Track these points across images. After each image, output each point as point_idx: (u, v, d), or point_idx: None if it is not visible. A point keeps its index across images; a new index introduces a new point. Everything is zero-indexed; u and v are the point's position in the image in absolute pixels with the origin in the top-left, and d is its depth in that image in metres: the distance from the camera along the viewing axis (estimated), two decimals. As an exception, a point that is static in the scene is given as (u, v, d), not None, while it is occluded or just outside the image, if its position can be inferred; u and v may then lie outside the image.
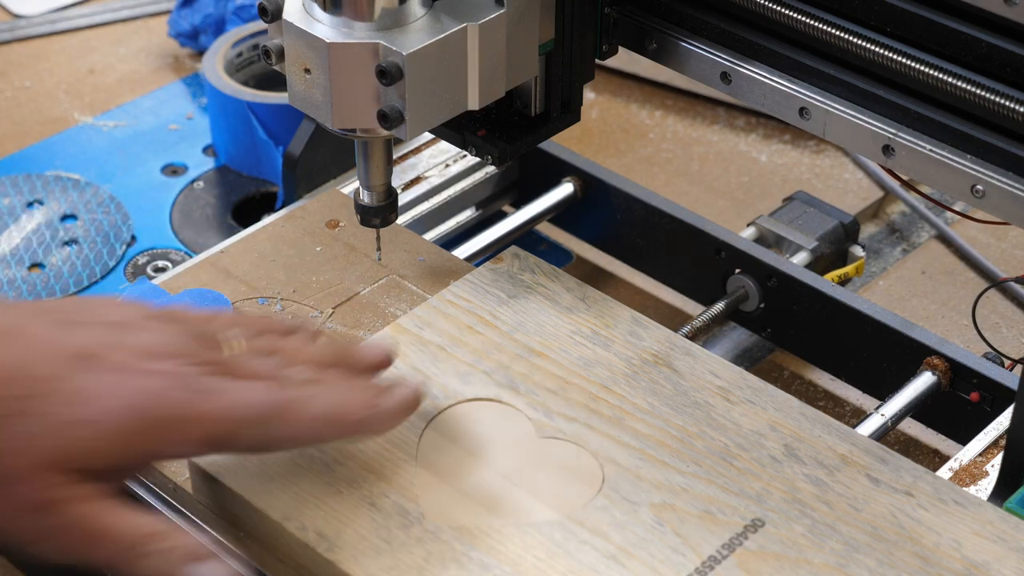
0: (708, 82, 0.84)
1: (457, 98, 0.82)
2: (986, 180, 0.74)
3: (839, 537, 0.71)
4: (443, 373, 0.80)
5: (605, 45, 0.88)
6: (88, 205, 1.12)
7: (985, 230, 1.15)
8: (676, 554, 0.70)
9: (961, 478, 0.80)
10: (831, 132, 0.80)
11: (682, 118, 1.28)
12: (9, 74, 1.30)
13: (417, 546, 0.71)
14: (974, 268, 1.13)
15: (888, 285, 1.11)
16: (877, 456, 0.76)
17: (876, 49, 0.75)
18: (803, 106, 0.80)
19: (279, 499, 0.73)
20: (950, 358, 0.90)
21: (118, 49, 1.34)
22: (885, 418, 0.87)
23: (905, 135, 0.77)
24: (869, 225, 1.18)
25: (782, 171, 1.22)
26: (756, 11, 0.80)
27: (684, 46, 0.85)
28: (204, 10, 1.28)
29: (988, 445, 0.83)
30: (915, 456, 0.96)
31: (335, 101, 0.79)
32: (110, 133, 1.21)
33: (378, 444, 0.76)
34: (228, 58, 1.17)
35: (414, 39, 0.78)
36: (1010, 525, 0.72)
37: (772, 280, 0.97)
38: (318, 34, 0.78)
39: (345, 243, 0.94)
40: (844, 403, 1.01)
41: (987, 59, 0.72)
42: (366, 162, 0.85)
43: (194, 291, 0.90)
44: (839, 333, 0.95)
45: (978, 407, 0.89)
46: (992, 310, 1.08)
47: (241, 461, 0.75)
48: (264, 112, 1.12)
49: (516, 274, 0.87)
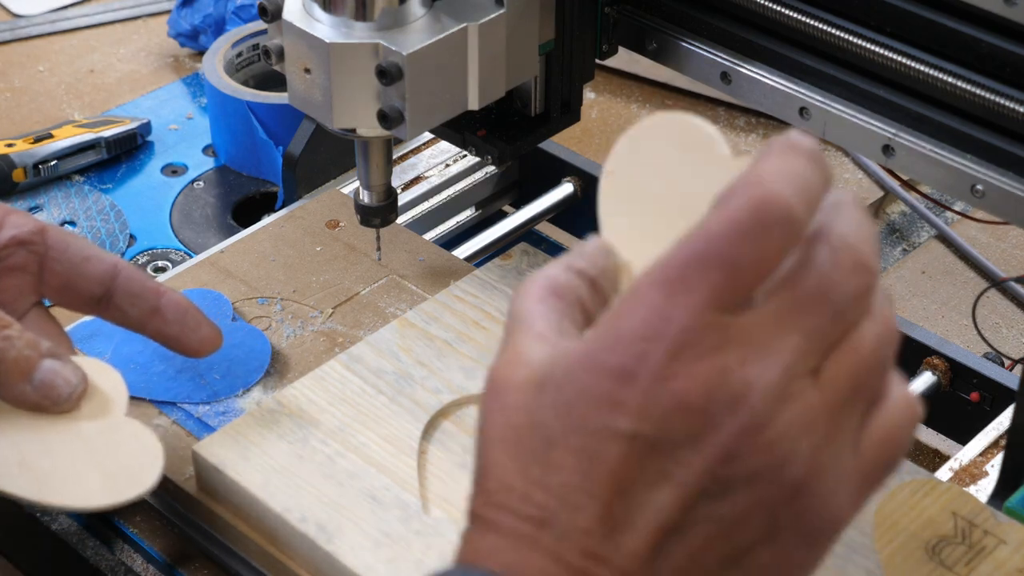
0: (708, 82, 0.84)
1: (457, 98, 0.82)
2: (986, 180, 0.74)
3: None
4: (448, 368, 0.81)
5: (605, 45, 0.88)
6: (88, 212, 1.12)
7: (985, 230, 1.15)
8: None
9: (961, 478, 0.80)
10: (831, 132, 0.80)
11: (682, 118, 1.28)
12: (9, 74, 1.30)
13: (416, 539, 0.71)
14: (974, 268, 1.13)
15: (888, 285, 1.11)
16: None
17: (876, 49, 0.75)
18: (803, 106, 0.80)
19: (280, 490, 0.73)
20: (950, 358, 0.90)
21: (118, 49, 1.34)
22: (885, 418, 0.87)
23: (905, 135, 0.77)
24: (869, 225, 1.17)
25: (782, 171, 1.22)
26: (756, 11, 0.80)
27: (684, 46, 0.85)
28: (204, 10, 1.28)
29: (988, 445, 0.83)
30: (915, 456, 0.96)
31: (335, 101, 0.79)
32: (110, 133, 1.21)
33: (380, 437, 0.76)
34: (228, 58, 1.17)
35: (414, 39, 0.78)
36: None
37: (772, 280, 0.97)
38: (318, 34, 0.78)
39: (345, 243, 0.94)
40: (844, 403, 1.00)
41: (987, 59, 0.72)
42: (366, 162, 0.86)
43: (194, 291, 0.90)
44: (839, 333, 0.95)
45: (978, 407, 0.89)
46: (992, 310, 1.08)
47: (244, 452, 0.75)
48: (264, 112, 1.12)
49: (525, 270, 0.87)
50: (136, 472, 0.73)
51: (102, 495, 0.72)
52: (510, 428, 0.50)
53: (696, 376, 0.47)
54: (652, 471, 0.47)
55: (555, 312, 0.51)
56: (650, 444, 0.47)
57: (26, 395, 0.72)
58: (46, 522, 0.82)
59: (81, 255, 0.75)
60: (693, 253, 0.47)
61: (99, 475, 0.72)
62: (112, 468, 0.73)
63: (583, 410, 0.48)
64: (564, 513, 0.48)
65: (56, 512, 0.80)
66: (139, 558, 0.85)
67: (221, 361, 0.85)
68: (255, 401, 0.83)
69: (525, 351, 0.50)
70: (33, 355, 0.72)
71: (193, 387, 0.83)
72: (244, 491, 0.73)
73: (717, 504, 0.47)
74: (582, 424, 0.48)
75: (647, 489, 0.47)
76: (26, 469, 0.71)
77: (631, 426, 0.47)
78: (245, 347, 0.86)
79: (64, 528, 0.81)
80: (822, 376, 0.48)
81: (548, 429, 0.49)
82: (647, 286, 0.48)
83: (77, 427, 0.73)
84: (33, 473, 0.71)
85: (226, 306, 0.89)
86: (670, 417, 0.47)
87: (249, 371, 0.85)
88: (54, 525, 0.81)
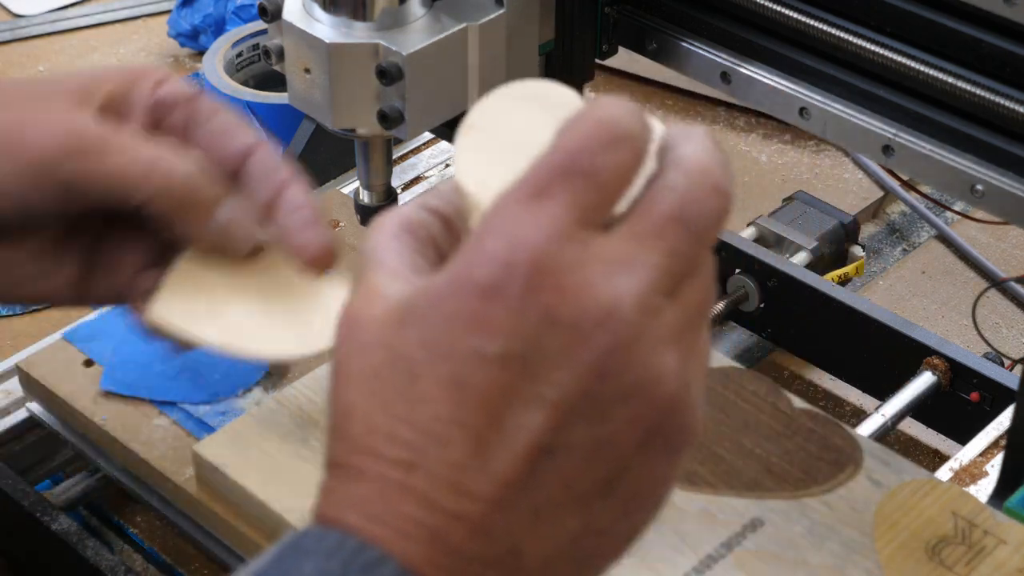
0: (708, 82, 0.84)
1: (457, 98, 0.82)
2: (986, 180, 0.74)
3: (838, 538, 0.71)
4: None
5: (605, 45, 0.88)
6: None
7: (985, 230, 1.15)
8: (674, 552, 0.70)
9: (961, 478, 0.80)
10: (831, 132, 0.80)
11: (682, 118, 1.28)
12: (9, 74, 1.30)
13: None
14: (974, 268, 1.13)
15: (888, 285, 1.11)
16: (878, 458, 0.76)
17: (876, 49, 0.75)
18: (803, 106, 0.80)
19: (281, 490, 0.73)
20: (950, 358, 0.90)
21: (118, 49, 1.34)
22: (885, 418, 0.87)
23: (905, 135, 0.77)
24: (869, 225, 1.17)
25: (782, 171, 1.22)
26: (756, 11, 0.80)
27: (684, 46, 0.85)
28: (204, 10, 1.28)
29: (988, 445, 0.83)
30: (915, 456, 0.96)
31: (335, 101, 0.79)
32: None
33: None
34: (228, 58, 1.17)
35: (414, 39, 0.78)
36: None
37: (772, 280, 0.97)
38: (318, 34, 0.78)
39: (345, 243, 0.94)
40: (844, 403, 1.01)
41: (987, 59, 0.72)
42: (366, 162, 0.86)
43: (194, 291, 0.90)
44: (839, 333, 0.95)
45: (978, 407, 0.89)
46: (992, 310, 1.08)
47: (244, 452, 0.75)
48: (264, 112, 1.12)
49: None
50: (325, 325, 0.68)
51: (295, 345, 0.68)
52: (370, 366, 0.47)
53: (564, 289, 0.45)
54: (524, 393, 0.46)
55: (408, 248, 0.50)
56: (521, 363, 0.46)
57: (206, 235, 0.67)
58: (46, 522, 0.82)
59: (222, 128, 0.69)
60: (552, 165, 0.47)
61: (290, 325, 0.69)
62: (303, 319, 0.69)
63: (449, 335, 0.46)
64: (434, 449, 0.46)
65: (251, 359, 0.73)
66: (139, 558, 0.86)
67: (221, 361, 0.84)
68: (255, 401, 0.83)
69: (380, 286, 0.48)
70: (218, 195, 0.66)
71: (193, 387, 0.83)
72: (244, 491, 0.73)
73: (592, 425, 0.46)
74: (449, 350, 0.46)
75: (519, 412, 0.46)
76: (217, 317, 0.68)
77: (500, 346, 0.46)
78: (245, 347, 0.86)
79: (64, 528, 0.81)
80: (680, 296, 0.47)
81: (412, 361, 0.46)
82: (509, 201, 0.47)
83: (266, 276, 0.69)
84: (224, 321, 0.68)
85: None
86: (541, 333, 0.45)
87: (249, 371, 0.85)
88: (54, 525, 0.81)
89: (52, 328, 0.96)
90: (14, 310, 1.05)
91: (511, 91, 0.55)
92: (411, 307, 0.47)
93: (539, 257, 0.46)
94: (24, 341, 1.00)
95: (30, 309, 1.05)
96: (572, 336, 0.46)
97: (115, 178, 0.64)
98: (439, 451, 0.46)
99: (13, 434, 0.88)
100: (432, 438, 0.46)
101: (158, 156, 0.64)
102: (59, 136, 0.63)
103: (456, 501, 0.46)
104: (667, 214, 0.47)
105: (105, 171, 0.63)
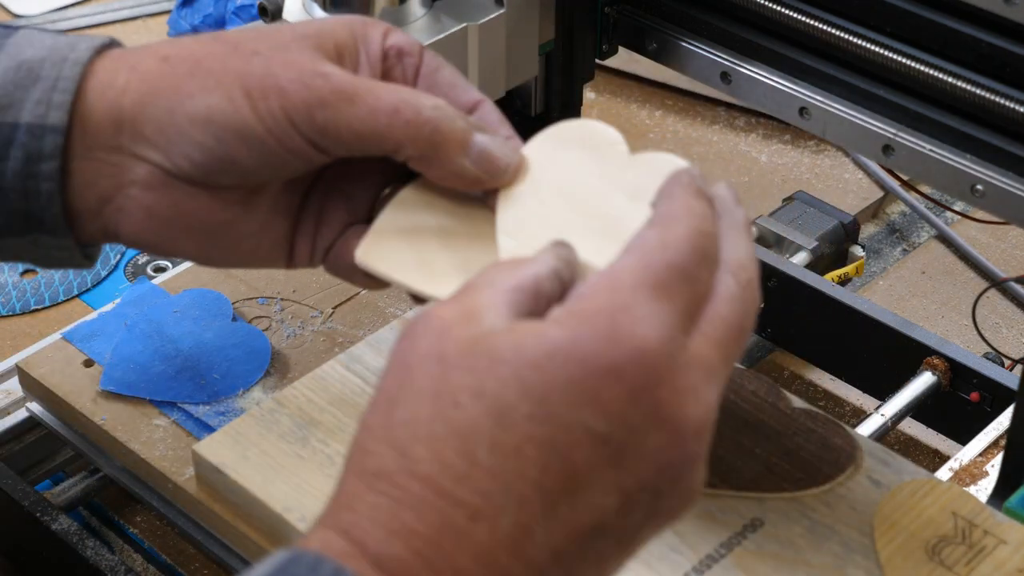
0: (708, 82, 0.84)
1: (457, 98, 0.82)
2: (986, 180, 0.74)
3: (838, 539, 0.71)
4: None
5: (605, 45, 0.88)
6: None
7: (985, 230, 1.15)
8: (673, 552, 0.70)
9: (961, 478, 0.80)
10: (831, 132, 0.80)
11: (682, 118, 1.28)
12: (9, 74, 1.30)
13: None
14: (974, 268, 1.13)
15: (888, 285, 1.11)
16: (878, 458, 0.76)
17: (876, 49, 0.75)
18: (803, 106, 0.80)
19: (280, 490, 0.73)
20: (950, 358, 0.90)
21: (118, 49, 1.34)
22: (885, 418, 0.87)
23: (905, 135, 0.77)
24: (869, 225, 1.17)
25: (782, 171, 1.22)
26: (756, 11, 0.80)
27: (684, 46, 0.85)
28: (204, 10, 1.28)
29: (988, 445, 0.83)
30: (915, 456, 0.96)
31: (335, 101, 0.79)
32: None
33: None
34: (228, 58, 1.17)
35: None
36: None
37: (772, 280, 0.97)
38: (318, 34, 0.78)
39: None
40: (844, 403, 1.01)
41: (987, 59, 0.72)
42: (366, 162, 0.85)
43: (194, 291, 0.90)
44: (839, 333, 0.95)
45: (978, 407, 0.89)
46: (992, 310, 1.08)
47: (244, 452, 0.75)
48: (264, 112, 1.12)
49: None
50: None
51: None
52: (448, 390, 0.46)
53: (677, 391, 0.47)
54: (607, 476, 0.46)
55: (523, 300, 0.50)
56: (617, 448, 0.46)
57: (465, 169, 0.64)
58: (46, 522, 0.82)
59: (448, 82, 0.67)
60: (671, 266, 0.48)
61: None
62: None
63: (561, 401, 0.45)
64: (507, 505, 0.44)
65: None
66: (139, 558, 0.86)
67: (221, 361, 0.85)
68: (255, 401, 0.83)
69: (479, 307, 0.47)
70: (468, 127, 0.64)
71: (193, 387, 0.83)
72: (244, 491, 0.73)
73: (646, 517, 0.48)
74: (555, 414, 0.45)
75: (596, 493, 0.46)
76: (422, 266, 0.66)
77: (607, 426, 0.46)
78: (245, 347, 0.86)
79: (64, 528, 0.81)
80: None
81: (507, 409, 0.45)
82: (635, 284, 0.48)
83: (473, 229, 0.67)
84: (428, 270, 0.66)
85: (226, 306, 0.89)
86: (647, 427, 0.46)
87: (249, 371, 0.85)
88: (54, 525, 0.81)
89: (52, 328, 0.96)
90: (14, 310, 1.05)
91: (555, 133, 0.56)
92: (514, 350, 0.46)
93: (663, 353, 0.46)
94: (24, 341, 1.00)
95: (30, 309, 1.05)
96: (672, 438, 0.47)
97: (367, 123, 0.61)
98: (512, 509, 0.45)
99: (13, 434, 0.88)
100: (511, 495, 0.45)
101: (403, 98, 0.62)
102: (314, 83, 0.61)
103: (510, 562, 0.45)
104: (737, 326, 0.50)
105: (359, 116, 0.61)
